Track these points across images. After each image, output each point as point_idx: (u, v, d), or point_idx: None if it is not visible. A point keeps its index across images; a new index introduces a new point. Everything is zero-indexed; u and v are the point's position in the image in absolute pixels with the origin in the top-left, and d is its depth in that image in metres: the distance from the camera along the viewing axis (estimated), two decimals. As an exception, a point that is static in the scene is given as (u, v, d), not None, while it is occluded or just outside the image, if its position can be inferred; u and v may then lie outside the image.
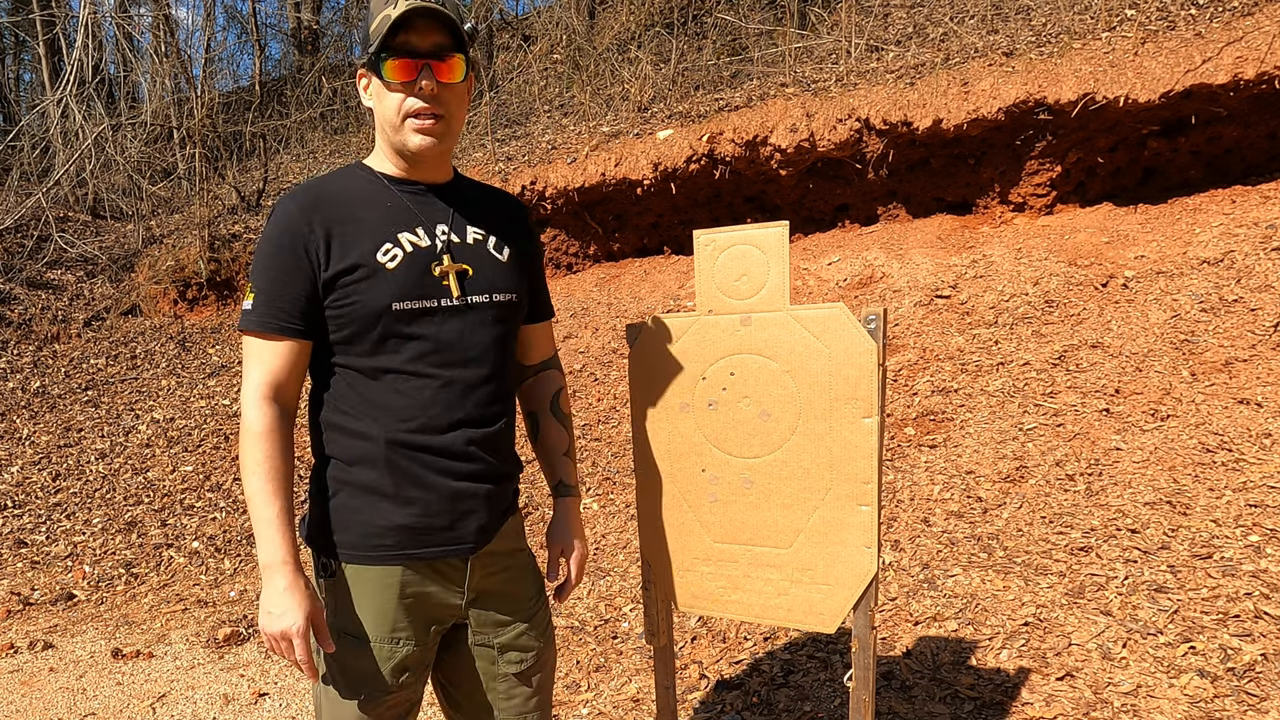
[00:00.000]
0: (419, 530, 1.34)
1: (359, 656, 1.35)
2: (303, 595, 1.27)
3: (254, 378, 1.30)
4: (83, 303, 7.71)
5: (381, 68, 1.28)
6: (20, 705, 3.06)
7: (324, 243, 1.30)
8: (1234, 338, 3.54)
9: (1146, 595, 2.43)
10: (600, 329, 5.61)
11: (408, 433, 1.32)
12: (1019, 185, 5.06)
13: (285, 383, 1.31)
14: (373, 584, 1.34)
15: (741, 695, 2.46)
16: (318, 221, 1.30)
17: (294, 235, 1.29)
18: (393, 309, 1.30)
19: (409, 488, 1.33)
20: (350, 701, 1.36)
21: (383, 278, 1.30)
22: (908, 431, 3.74)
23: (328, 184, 1.36)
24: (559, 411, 1.60)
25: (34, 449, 5.78)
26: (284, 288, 1.29)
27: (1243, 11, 4.50)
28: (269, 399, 1.29)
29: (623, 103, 6.97)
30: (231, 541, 4.50)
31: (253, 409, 1.28)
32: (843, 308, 1.43)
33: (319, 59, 11.83)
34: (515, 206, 1.52)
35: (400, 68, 1.28)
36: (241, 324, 1.32)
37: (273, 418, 1.29)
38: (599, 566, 3.52)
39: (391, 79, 1.29)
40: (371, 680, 1.35)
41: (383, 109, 1.32)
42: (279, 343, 1.30)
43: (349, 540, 1.34)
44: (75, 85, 9.09)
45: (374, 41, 1.28)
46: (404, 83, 1.29)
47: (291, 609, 1.25)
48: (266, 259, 1.31)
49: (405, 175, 1.38)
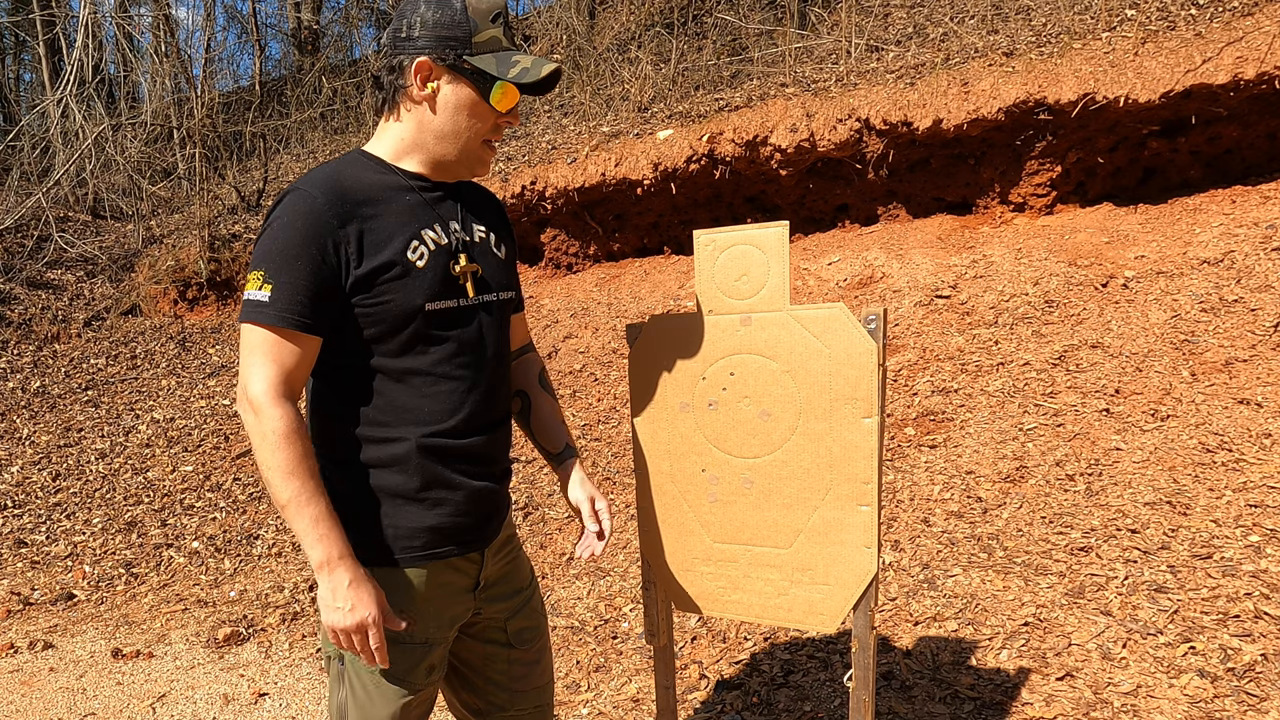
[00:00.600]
0: (447, 531, 1.35)
1: (391, 660, 1.35)
2: (369, 585, 1.25)
3: (268, 374, 1.21)
4: (83, 303, 7.71)
5: (495, 91, 1.27)
6: (20, 705, 3.06)
7: (355, 239, 1.24)
8: (1234, 338, 3.54)
9: (1146, 595, 2.43)
10: (600, 329, 5.61)
11: (438, 436, 1.32)
12: (1019, 185, 5.06)
13: (299, 381, 1.25)
14: (401, 587, 1.34)
15: (741, 695, 2.45)
16: (347, 216, 1.24)
17: (321, 229, 1.22)
18: (425, 309, 1.28)
19: (438, 490, 1.33)
20: (382, 705, 1.36)
21: (415, 276, 1.27)
22: (908, 431, 3.74)
23: (345, 174, 1.28)
24: (547, 385, 1.62)
25: (34, 449, 5.78)
26: (307, 281, 1.21)
27: (1243, 11, 4.50)
28: (287, 397, 1.22)
29: (623, 103, 6.97)
30: (231, 541, 4.50)
31: (273, 408, 1.20)
32: (843, 308, 1.43)
33: (319, 59, 11.83)
34: (499, 203, 1.55)
35: (513, 100, 1.29)
36: (253, 316, 1.21)
37: (296, 415, 1.22)
38: (599, 566, 3.52)
39: (500, 109, 1.29)
40: (403, 681, 1.36)
41: (462, 123, 1.29)
42: (298, 339, 1.22)
43: (375, 544, 1.32)
44: (75, 85, 9.10)
45: (478, 53, 1.26)
46: (505, 113, 1.31)
47: (363, 601, 1.23)
48: (287, 248, 1.21)
49: (422, 173, 1.35)
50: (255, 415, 1.21)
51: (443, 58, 1.26)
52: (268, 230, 1.24)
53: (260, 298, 1.21)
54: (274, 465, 1.20)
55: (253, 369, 1.21)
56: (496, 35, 1.26)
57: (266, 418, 1.20)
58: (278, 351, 1.22)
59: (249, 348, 1.22)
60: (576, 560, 3.64)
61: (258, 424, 1.20)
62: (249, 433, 1.23)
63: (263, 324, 1.21)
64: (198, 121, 8.81)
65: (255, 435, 1.21)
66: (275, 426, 1.20)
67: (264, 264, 1.22)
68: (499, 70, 1.25)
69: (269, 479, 1.21)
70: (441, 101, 1.28)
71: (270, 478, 1.21)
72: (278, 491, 1.21)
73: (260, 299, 1.21)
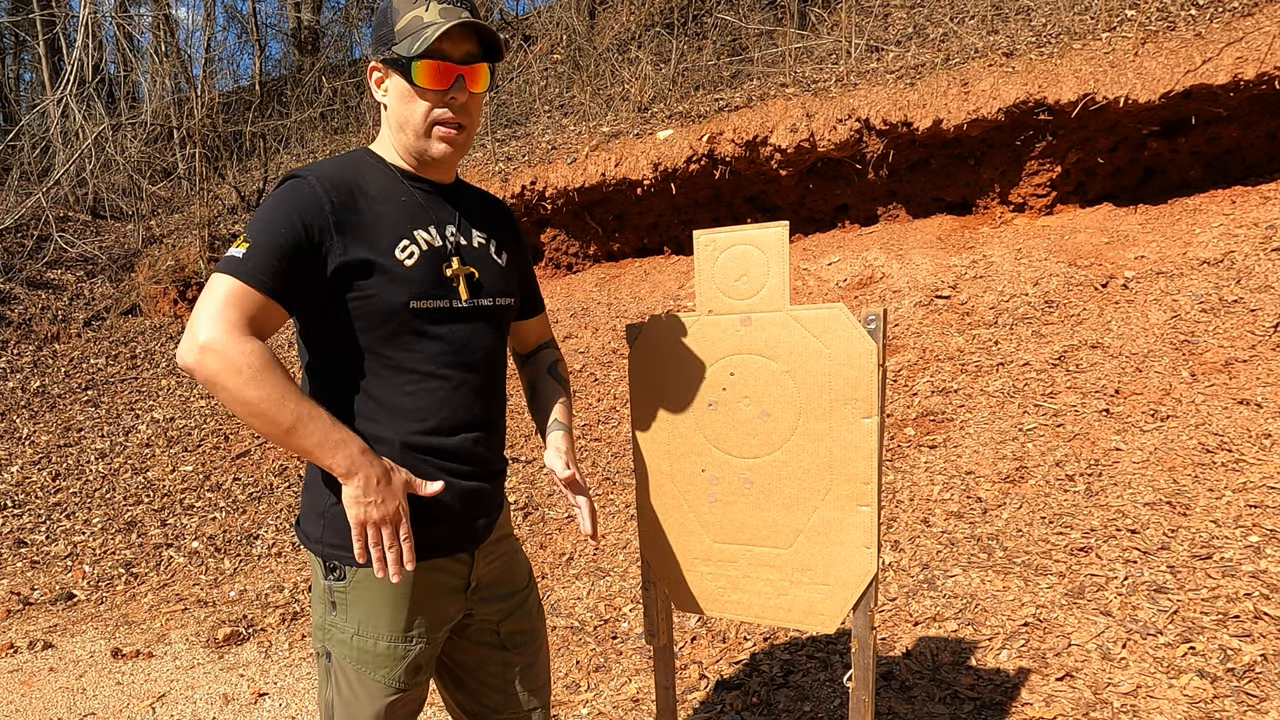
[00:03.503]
0: (434, 531, 1.35)
1: (375, 658, 1.35)
2: (398, 472, 1.25)
3: (230, 317, 1.15)
4: (83, 303, 7.72)
5: (413, 72, 1.26)
6: (20, 705, 3.06)
7: (342, 228, 1.25)
8: (1234, 338, 3.54)
9: (1146, 595, 2.43)
10: (600, 329, 5.61)
11: (421, 435, 1.32)
12: (1019, 185, 5.06)
13: (263, 334, 1.20)
14: (386, 586, 1.34)
15: (741, 695, 2.45)
16: (338, 205, 1.25)
17: (309, 209, 1.23)
18: (410, 307, 1.29)
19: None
20: (366, 703, 1.36)
21: (401, 275, 1.28)
22: (908, 432, 3.74)
23: (343, 170, 1.31)
24: (555, 374, 1.62)
25: (34, 449, 5.78)
26: (282, 249, 1.21)
27: (1243, 12, 4.50)
28: (254, 334, 1.17)
29: (623, 103, 6.97)
30: (231, 541, 4.50)
31: (243, 342, 1.14)
32: (843, 308, 1.43)
33: (319, 59, 11.83)
34: (506, 211, 1.55)
35: (434, 76, 1.26)
36: (224, 268, 1.19)
37: (265, 346, 1.16)
38: (599, 566, 3.52)
39: (425, 85, 1.27)
40: (387, 681, 1.36)
41: (406, 112, 1.30)
42: (261, 302, 1.19)
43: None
44: (75, 85, 9.10)
45: (400, 40, 1.26)
46: (436, 91, 1.28)
47: (390, 494, 1.23)
48: (273, 217, 1.22)
49: (416, 172, 1.38)
50: (219, 355, 1.13)
51: (381, 56, 1.31)
52: (262, 204, 1.27)
53: (236, 254, 1.20)
54: (263, 396, 1.14)
55: (214, 313, 1.15)
56: (418, 15, 1.26)
57: (236, 351, 1.13)
58: (241, 300, 1.17)
59: (211, 293, 1.17)
60: (576, 560, 3.64)
61: (225, 361, 1.13)
62: (212, 378, 1.14)
63: (232, 274, 1.18)
64: (198, 121, 8.81)
65: (227, 374, 1.13)
66: (250, 360, 1.14)
67: (249, 230, 1.23)
68: (410, 50, 1.25)
69: (261, 412, 1.14)
70: (390, 97, 1.32)
71: (263, 410, 1.14)
72: (277, 418, 1.15)
73: (236, 254, 1.20)
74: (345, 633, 1.35)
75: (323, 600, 1.37)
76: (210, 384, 1.15)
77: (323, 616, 1.37)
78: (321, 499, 1.35)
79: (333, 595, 1.35)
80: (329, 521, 1.34)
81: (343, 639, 1.35)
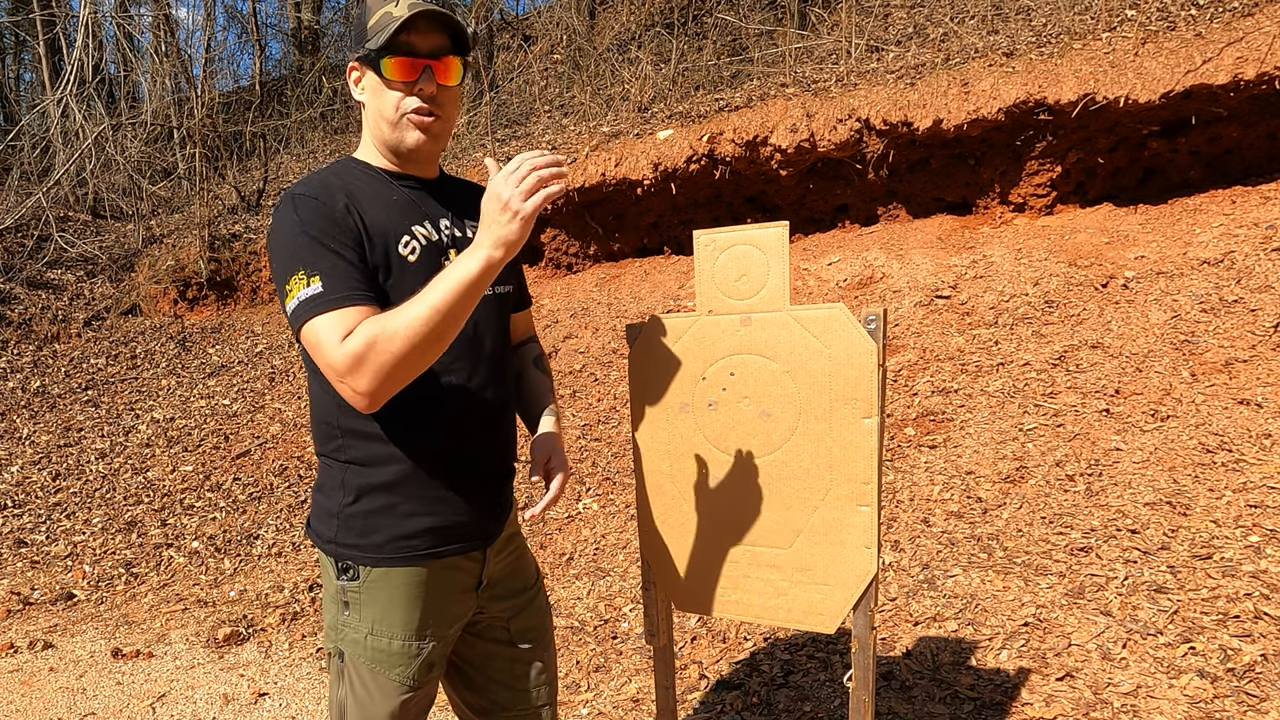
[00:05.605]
0: (448, 530, 1.35)
1: (389, 657, 1.35)
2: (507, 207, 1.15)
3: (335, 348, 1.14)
4: (83, 303, 7.72)
5: (381, 66, 1.28)
6: (20, 705, 3.06)
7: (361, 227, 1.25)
8: (1234, 338, 3.54)
9: (1146, 595, 2.43)
10: (600, 329, 5.61)
11: (437, 433, 1.33)
12: (1019, 185, 5.06)
13: None
14: (400, 585, 1.34)
15: (741, 695, 2.45)
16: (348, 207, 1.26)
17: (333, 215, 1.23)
18: None
19: (439, 489, 1.34)
20: (381, 701, 1.36)
21: (407, 271, 1.29)
22: (908, 432, 3.74)
23: (333, 178, 1.31)
24: (541, 365, 1.63)
25: (34, 449, 5.78)
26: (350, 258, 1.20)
27: (1243, 12, 4.50)
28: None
29: (623, 103, 6.97)
30: (231, 541, 4.50)
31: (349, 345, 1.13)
32: (843, 308, 1.43)
33: (319, 59, 11.83)
34: None
35: (401, 68, 1.28)
36: (313, 311, 1.15)
37: (365, 323, 1.15)
38: (599, 566, 3.52)
39: (392, 78, 1.29)
40: (401, 679, 1.36)
41: (380, 106, 1.32)
42: (354, 310, 1.17)
43: (375, 544, 1.33)
44: (75, 85, 9.10)
45: (372, 37, 1.28)
46: (404, 83, 1.29)
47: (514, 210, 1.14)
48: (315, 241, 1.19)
49: (400, 170, 1.38)
50: (365, 375, 1.13)
51: (357, 54, 1.33)
52: (281, 236, 1.23)
53: (312, 292, 1.17)
54: (411, 341, 1.12)
55: (331, 350, 1.15)
56: (388, 10, 1.28)
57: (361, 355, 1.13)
58: (346, 325, 1.16)
59: (317, 341, 1.15)
60: (577, 560, 3.64)
61: (374, 369, 1.13)
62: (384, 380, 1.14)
63: (325, 312, 1.16)
64: (198, 121, 8.82)
65: (384, 370, 1.13)
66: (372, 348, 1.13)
67: (297, 264, 1.19)
68: (378, 44, 1.27)
69: (421, 344, 1.13)
70: (366, 94, 1.34)
71: (421, 343, 1.12)
72: (429, 333, 1.13)
73: (313, 293, 1.17)
74: (359, 632, 1.35)
75: (335, 600, 1.37)
76: (390, 379, 1.15)
77: (335, 617, 1.38)
78: (334, 500, 1.35)
79: (346, 595, 1.35)
80: (342, 522, 1.34)
81: (356, 639, 1.35)
